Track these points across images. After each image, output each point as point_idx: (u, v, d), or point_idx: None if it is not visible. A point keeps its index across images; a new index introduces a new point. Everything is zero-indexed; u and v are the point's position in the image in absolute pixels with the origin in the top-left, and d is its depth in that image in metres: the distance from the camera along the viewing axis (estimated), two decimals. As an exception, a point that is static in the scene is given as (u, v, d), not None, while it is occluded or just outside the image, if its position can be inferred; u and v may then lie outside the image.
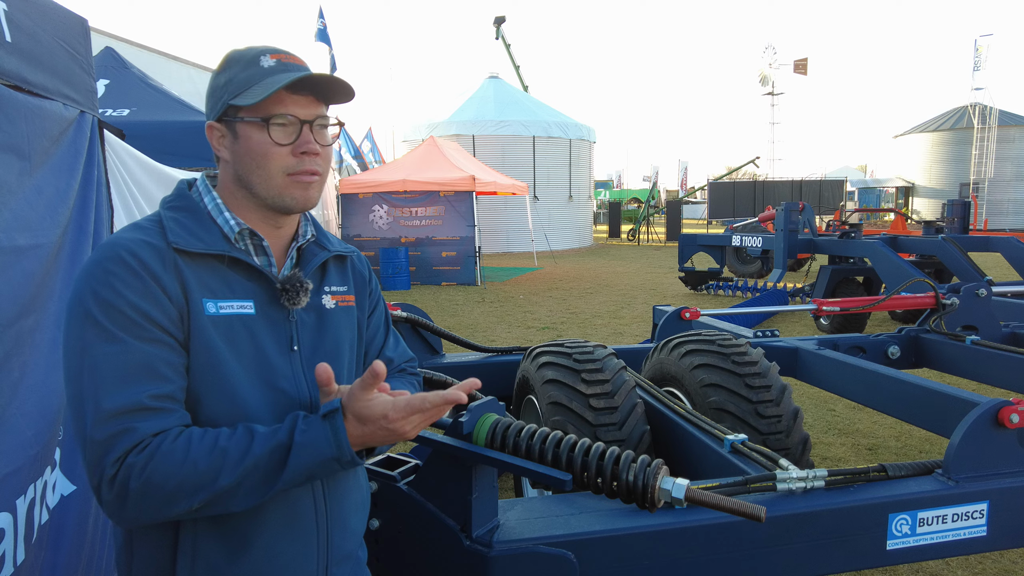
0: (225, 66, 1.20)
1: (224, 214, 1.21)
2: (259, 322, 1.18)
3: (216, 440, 1.06)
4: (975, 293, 4.35)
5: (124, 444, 1.03)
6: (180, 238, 1.14)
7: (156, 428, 1.05)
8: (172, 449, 1.04)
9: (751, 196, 29.95)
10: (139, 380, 1.05)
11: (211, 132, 1.22)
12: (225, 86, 1.19)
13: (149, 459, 1.02)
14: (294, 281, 1.22)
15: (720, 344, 2.94)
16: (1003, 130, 31.97)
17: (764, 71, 45.79)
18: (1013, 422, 2.04)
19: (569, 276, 15.42)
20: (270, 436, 1.07)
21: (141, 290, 1.08)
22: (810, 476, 1.94)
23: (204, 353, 1.12)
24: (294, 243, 1.29)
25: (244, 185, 1.21)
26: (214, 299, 1.14)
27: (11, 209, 1.71)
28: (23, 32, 1.83)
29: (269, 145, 1.17)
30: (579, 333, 8.81)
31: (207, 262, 1.16)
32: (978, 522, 1.99)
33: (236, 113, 1.18)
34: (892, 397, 3.19)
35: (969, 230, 12.23)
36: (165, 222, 1.17)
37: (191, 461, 1.03)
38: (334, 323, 1.30)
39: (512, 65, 28.77)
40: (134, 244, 1.11)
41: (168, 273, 1.11)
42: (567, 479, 1.45)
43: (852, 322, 8.31)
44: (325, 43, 17.07)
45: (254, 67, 1.18)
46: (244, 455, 1.05)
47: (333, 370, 1.22)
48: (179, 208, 1.20)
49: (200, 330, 1.11)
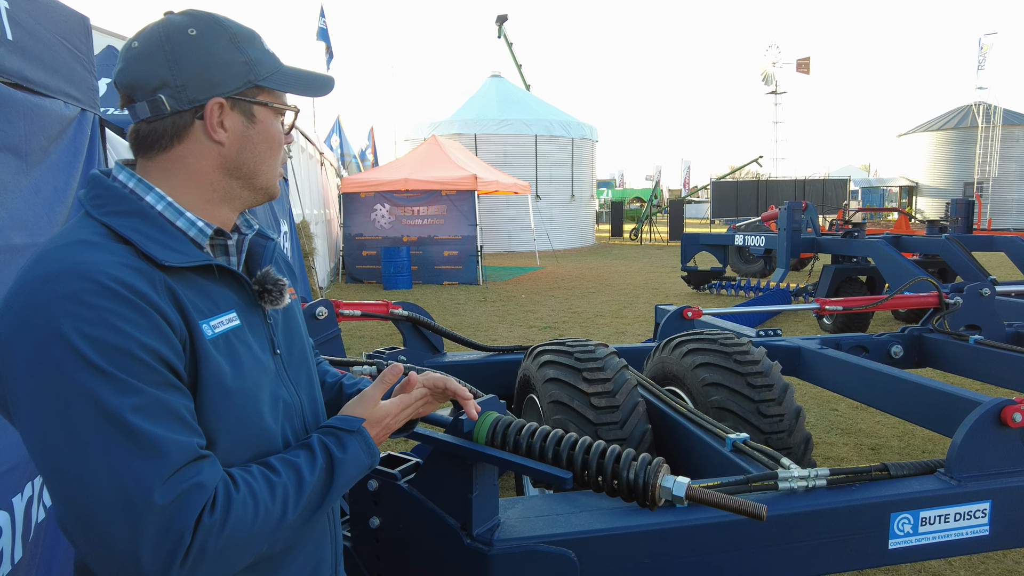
0: (242, 41, 1.06)
1: (185, 215, 1.04)
2: (246, 332, 1.07)
3: (268, 479, 0.98)
4: (979, 292, 4.34)
5: (197, 503, 0.87)
6: (163, 252, 0.97)
7: (216, 478, 0.92)
8: (243, 499, 0.92)
9: (754, 195, 29.91)
10: (179, 430, 0.90)
11: (213, 110, 1.03)
12: (248, 64, 1.06)
13: (225, 514, 0.90)
14: (271, 279, 1.12)
15: (722, 343, 2.93)
16: (1007, 129, 31.84)
17: (767, 70, 45.72)
18: (1016, 421, 2.03)
19: (571, 276, 15.41)
20: (311, 461, 1.04)
21: (147, 326, 0.90)
22: (812, 475, 1.93)
23: (214, 383, 0.98)
24: (237, 235, 1.16)
25: (243, 175, 1.09)
26: (205, 319, 0.99)
27: (7, 208, 1.71)
28: (24, 30, 1.83)
29: (281, 135, 1.14)
30: (581, 333, 8.80)
31: (185, 276, 1.00)
32: (980, 522, 1.98)
33: (256, 95, 1.08)
34: (895, 397, 3.18)
35: (973, 229, 12.17)
36: (126, 233, 0.97)
37: (263, 506, 0.94)
38: (296, 317, 1.24)
39: (514, 64, 28.76)
40: (114, 268, 0.90)
41: (164, 300, 0.94)
42: (568, 477, 1.44)
43: (855, 321, 8.29)
44: (326, 42, 17.08)
45: (268, 52, 1.10)
46: (299, 487, 1.00)
47: (306, 366, 1.22)
48: (125, 213, 1.00)
49: (207, 359, 0.97)
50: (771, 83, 46.09)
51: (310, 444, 1.08)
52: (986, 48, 32.50)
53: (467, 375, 3.62)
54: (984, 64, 32.59)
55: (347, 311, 3.67)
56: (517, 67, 28.80)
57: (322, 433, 1.11)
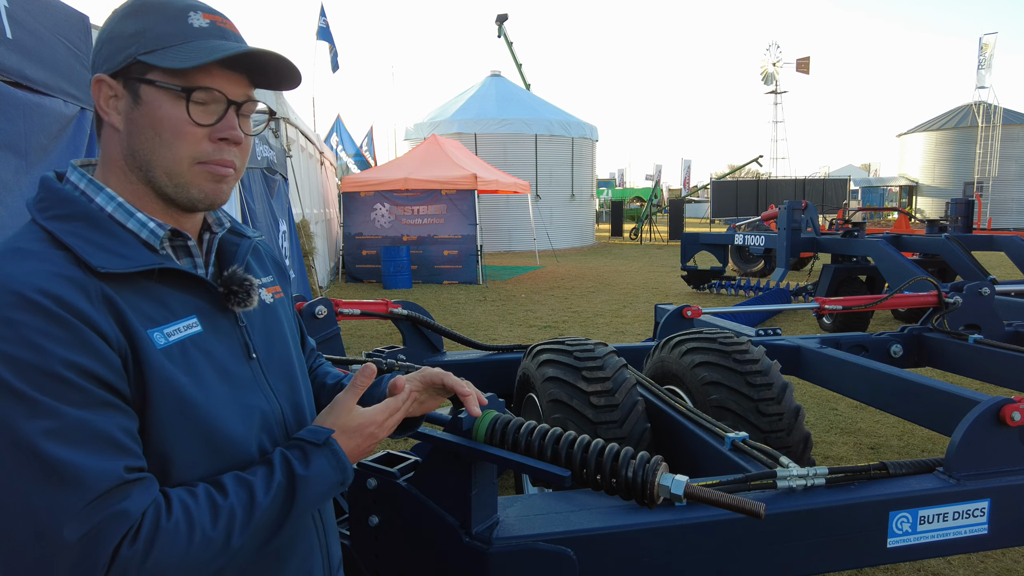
0: (136, 10, 0.94)
1: (136, 216, 0.96)
2: (209, 338, 0.99)
3: (213, 500, 0.89)
4: (978, 292, 4.34)
5: (115, 534, 0.80)
6: (102, 259, 0.89)
7: (145, 503, 0.84)
8: (174, 526, 0.84)
9: (754, 195, 29.93)
10: (104, 453, 0.82)
11: (98, 88, 0.94)
12: (135, 36, 0.93)
13: (150, 544, 0.82)
14: (238, 280, 1.03)
15: (721, 342, 2.93)
16: (1007, 129, 31.86)
17: (767, 69, 45.73)
18: (1015, 420, 2.03)
19: (571, 275, 15.41)
20: (267, 479, 0.94)
21: (73, 341, 0.82)
22: (811, 474, 1.93)
23: (167, 398, 0.90)
24: (207, 234, 1.08)
25: (139, 166, 0.96)
26: (157, 327, 0.92)
27: (7, 206, 1.71)
28: (24, 29, 1.83)
29: (184, 123, 0.94)
30: (581, 332, 8.80)
31: (134, 283, 0.92)
32: (979, 520, 1.98)
33: (145, 72, 0.93)
34: (894, 396, 3.18)
35: (973, 229, 12.18)
36: (65, 239, 0.89)
37: (199, 532, 0.86)
38: (278, 319, 1.15)
39: (514, 63, 28.76)
40: (40, 279, 0.83)
41: (99, 311, 0.86)
42: (566, 475, 1.44)
43: (855, 321, 8.29)
44: (327, 41, 17.08)
45: (180, 23, 0.94)
46: (250, 509, 0.91)
47: (288, 371, 1.13)
48: (69, 217, 0.92)
49: (155, 371, 0.89)
50: (771, 82, 46.12)
51: (271, 460, 0.98)
52: (987, 48, 32.50)
53: (466, 374, 3.62)
54: (985, 64, 32.58)
55: (347, 310, 3.68)
56: (517, 66, 28.81)
57: (288, 447, 1.01)
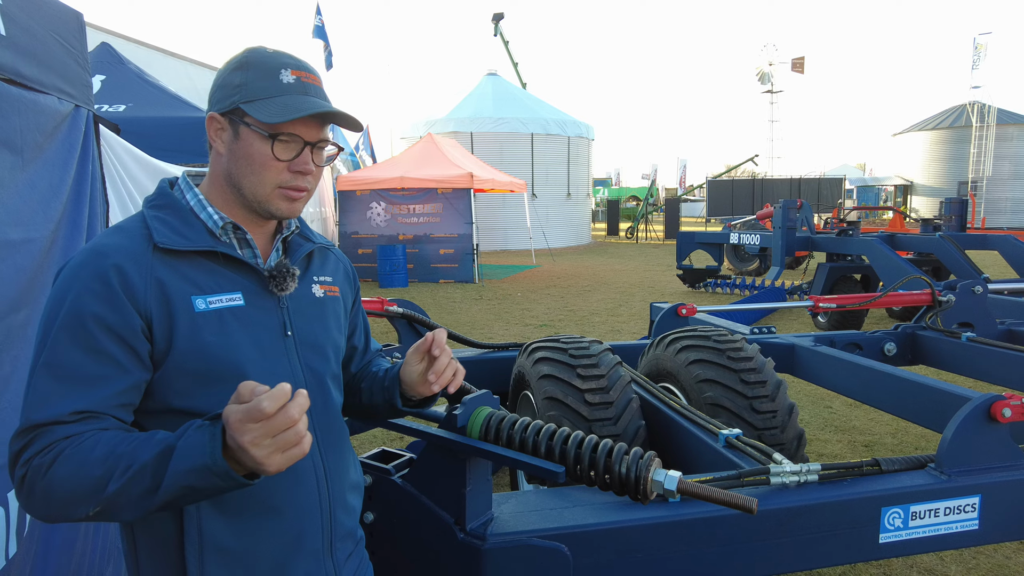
0: (243, 66, 1.20)
1: (207, 209, 1.22)
2: (250, 312, 1.20)
3: (115, 445, 1.01)
4: (971, 290, 4.36)
5: (41, 442, 1.03)
6: (165, 237, 1.15)
7: (70, 432, 1.03)
8: (73, 454, 1.01)
9: (750, 194, 29.99)
10: (69, 391, 1.05)
11: (211, 122, 1.22)
12: (239, 87, 1.18)
13: (52, 462, 1.01)
14: (281, 268, 1.24)
15: (716, 340, 2.94)
16: (1001, 128, 31.98)
17: (763, 69, 45.80)
18: (1005, 416, 2.05)
19: (567, 274, 15.42)
20: (163, 440, 1.00)
21: (107, 299, 1.08)
22: (803, 470, 1.95)
23: (189, 345, 1.12)
24: (279, 235, 1.31)
25: (233, 183, 1.22)
26: (203, 295, 1.15)
27: (3, 203, 1.71)
28: (18, 26, 1.83)
29: (268, 158, 1.18)
30: (577, 331, 8.81)
31: (193, 259, 1.17)
32: (970, 516, 2.00)
33: (243, 117, 1.18)
34: (888, 393, 3.20)
35: (967, 228, 12.24)
36: (149, 222, 1.18)
37: (87, 466, 0.99)
38: (323, 310, 1.33)
39: (510, 62, 28.76)
40: (112, 251, 1.12)
41: (143, 279, 1.11)
42: (560, 471, 1.45)
43: (849, 319, 8.32)
44: (322, 39, 17.05)
45: (273, 79, 1.18)
46: (133, 459, 0.98)
47: (320, 354, 1.30)
48: (161, 206, 1.22)
49: (183, 323, 1.12)
50: (767, 82, 46.18)
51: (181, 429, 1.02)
52: (981, 47, 32.61)
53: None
54: (979, 63, 32.70)
55: (342, 308, 3.67)
56: (513, 65, 28.80)
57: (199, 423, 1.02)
